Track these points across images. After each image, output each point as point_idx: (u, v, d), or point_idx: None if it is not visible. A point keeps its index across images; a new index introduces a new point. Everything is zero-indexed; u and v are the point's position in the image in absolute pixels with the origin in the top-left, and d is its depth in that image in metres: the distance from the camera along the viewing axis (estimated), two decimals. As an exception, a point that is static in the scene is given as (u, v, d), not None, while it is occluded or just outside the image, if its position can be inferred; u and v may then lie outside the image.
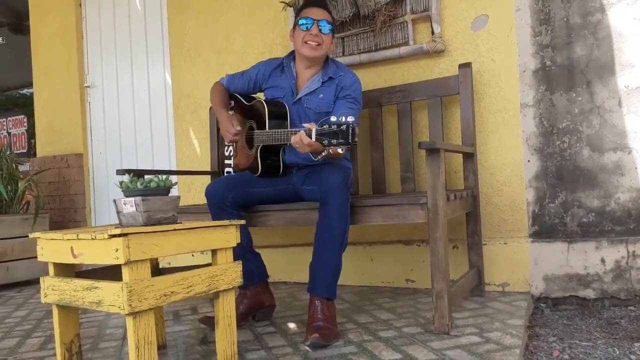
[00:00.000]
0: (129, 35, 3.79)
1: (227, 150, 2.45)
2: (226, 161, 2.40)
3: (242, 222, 1.69)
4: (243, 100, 2.32)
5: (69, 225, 3.96)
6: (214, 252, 1.60)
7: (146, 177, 1.62)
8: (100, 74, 3.94)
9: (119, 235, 1.30)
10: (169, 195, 1.53)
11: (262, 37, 3.10)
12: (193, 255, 3.07)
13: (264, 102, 2.16)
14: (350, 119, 1.67)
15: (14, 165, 3.73)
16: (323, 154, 1.83)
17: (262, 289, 2.14)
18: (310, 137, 1.74)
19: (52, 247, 1.53)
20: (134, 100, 3.78)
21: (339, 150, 1.72)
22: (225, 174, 2.39)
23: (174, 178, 3.29)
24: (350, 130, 1.66)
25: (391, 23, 2.65)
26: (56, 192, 4.03)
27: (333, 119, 1.70)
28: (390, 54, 2.65)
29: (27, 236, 1.86)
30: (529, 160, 2.42)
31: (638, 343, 1.83)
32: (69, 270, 1.59)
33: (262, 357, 1.68)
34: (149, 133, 3.71)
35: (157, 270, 1.74)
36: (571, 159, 2.35)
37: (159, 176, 1.55)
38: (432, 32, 2.55)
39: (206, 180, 3.04)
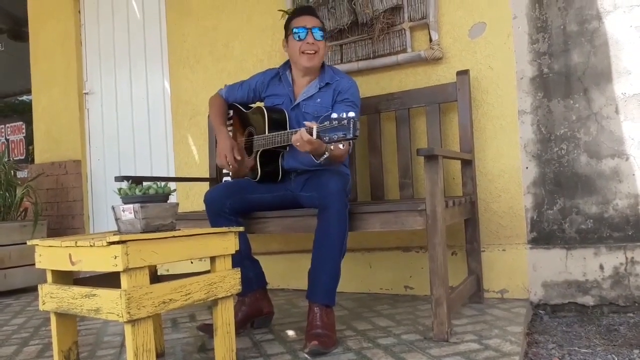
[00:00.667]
0: (128, 42, 3.81)
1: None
2: (224, 170, 2.40)
3: (241, 228, 1.69)
4: (242, 109, 2.34)
5: (67, 232, 3.95)
6: (212, 259, 1.59)
7: (145, 183, 1.62)
8: (99, 80, 3.94)
9: (118, 243, 1.30)
10: (168, 202, 1.53)
11: (261, 44, 3.11)
12: (192, 262, 3.06)
13: (263, 108, 2.17)
14: (351, 114, 1.66)
15: (12, 171, 3.73)
16: (325, 155, 1.82)
17: (261, 296, 2.13)
18: (311, 135, 1.74)
19: (50, 254, 1.53)
20: (132, 107, 3.79)
21: (340, 146, 1.71)
22: (224, 182, 2.39)
23: (172, 185, 3.29)
24: (351, 124, 1.63)
25: (389, 30, 2.66)
26: (54, 199, 4.03)
27: (334, 115, 1.69)
28: (388, 61, 2.66)
29: (25, 243, 1.86)
30: (527, 167, 2.43)
31: (637, 350, 1.83)
32: (67, 278, 1.59)
33: (261, 364, 1.68)
34: (148, 140, 3.71)
35: (155, 278, 1.74)
36: (569, 166, 2.36)
37: (158, 183, 1.55)
38: (430, 40, 2.57)
39: (205, 186, 3.04)
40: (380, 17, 2.64)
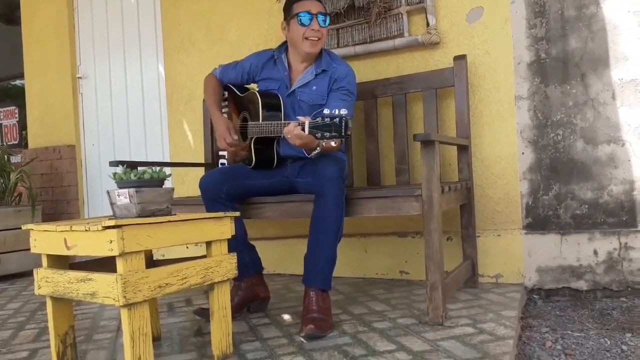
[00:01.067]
0: (122, 26, 3.75)
1: (221, 142, 2.43)
2: (220, 152, 2.39)
3: (237, 214, 1.68)
4: (237, 91, 2.31)
5: (62, 217, 3.94)
6: (208, 244, 1.59)
7: (140, 168, 1.61)
8: (93, 65, 3.90)
9: (113, 227, 1.29)
10: (163, 186, 1.53)
11: (257, 28, 3.08)
12: (187, 247, 3.06)
13: (257, 93, 2.14)
14: (343, 111, 1.68)
15: (5, 156, 3.71)
16: (316, 150, 1.83)
17: (257, 280, 2.14)
18: (304, 130, 1.73)
19: (46, 238, 1.52)
20: (126, 91, 3.75)
21: (332, 144, 1.72)
22: (220, 166, 2.38)
23: (167, 170, 3.28)
24: (343, 123, 1.66)
25: (386, 15, 2.63)
26: (48, 184, 4.01)
27: (326, 111, 1.70)
28: (385, 46, 2.64)
29: (20, 228, 1.85)
30: (523, 153, 2.43)
31: (629, 334, 1.85)
32: (62, 262, 1.58)
33: (257, 348, 1.69)
34: (142, 124, 3.68)
35: (151, 262, 1.74)
36: (565, 152, 2.36)
37: (153, 168, 1.54)
38: (427, 24, 2.55)
39: (200, 172, 3.03)
40: (377, 1, 2.61)
